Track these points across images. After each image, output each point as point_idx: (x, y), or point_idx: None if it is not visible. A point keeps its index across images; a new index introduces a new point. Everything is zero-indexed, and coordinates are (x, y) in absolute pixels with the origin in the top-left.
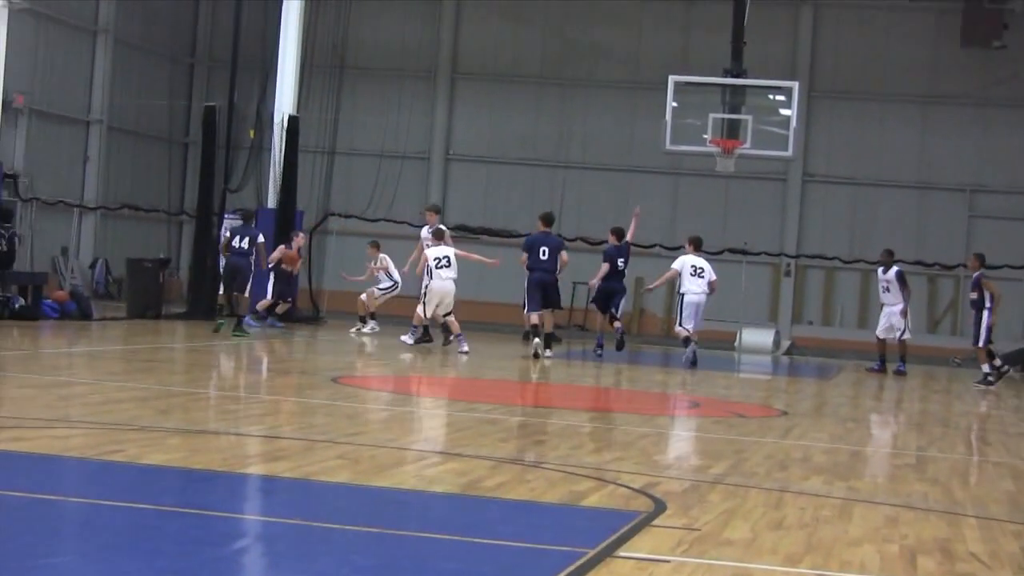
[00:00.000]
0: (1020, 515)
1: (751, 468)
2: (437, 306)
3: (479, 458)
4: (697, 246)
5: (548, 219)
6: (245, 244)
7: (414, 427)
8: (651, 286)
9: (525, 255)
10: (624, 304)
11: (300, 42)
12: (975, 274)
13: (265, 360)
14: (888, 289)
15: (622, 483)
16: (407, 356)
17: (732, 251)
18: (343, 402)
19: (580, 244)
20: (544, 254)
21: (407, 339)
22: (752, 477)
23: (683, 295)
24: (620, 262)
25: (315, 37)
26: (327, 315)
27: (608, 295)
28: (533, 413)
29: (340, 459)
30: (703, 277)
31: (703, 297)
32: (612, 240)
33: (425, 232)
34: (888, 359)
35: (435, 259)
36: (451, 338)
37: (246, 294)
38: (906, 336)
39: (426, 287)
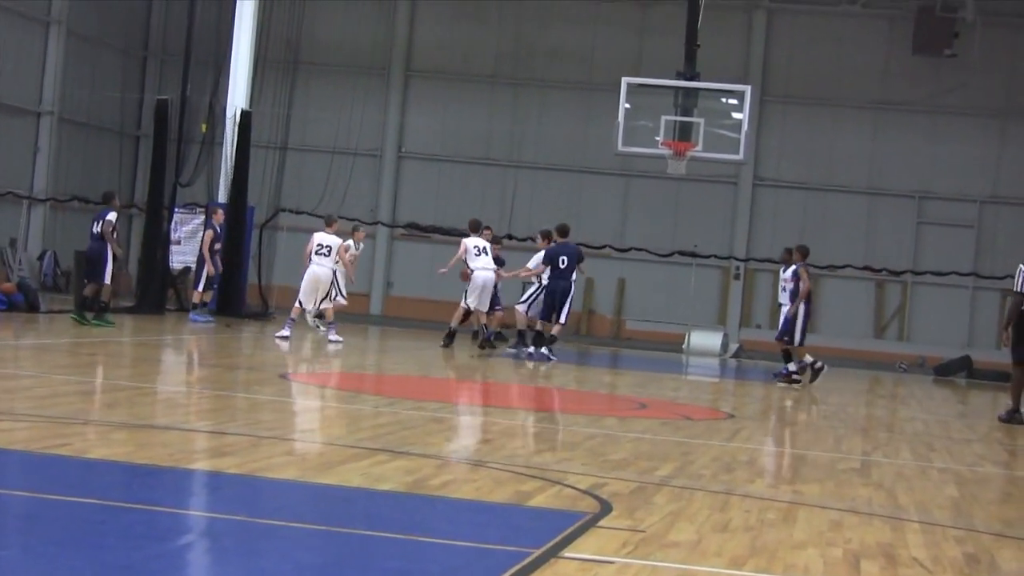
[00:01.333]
0: (963, 521)
1: (697, 470)
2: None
3: (426, 457)
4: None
5: (564, 230)
6: (97, 228)
7: (362, 424)
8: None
9: (546, 267)
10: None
11: (254, 37)
12: (795, 265)
13: (212, 356)
14: (785, 288)
15: (568, 484)
16: (359, 352)
17: (682, 254)
18: (291, 398)
19: (531, 244)
20: (563, 263)
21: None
22: (698, 479)
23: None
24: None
25: (269, 32)
26: (276, 311)
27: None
28: (481, 412)
29: (287, 456)
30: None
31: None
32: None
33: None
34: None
35: (317, 245)
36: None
37: (107, 281)
38: (796, 340)
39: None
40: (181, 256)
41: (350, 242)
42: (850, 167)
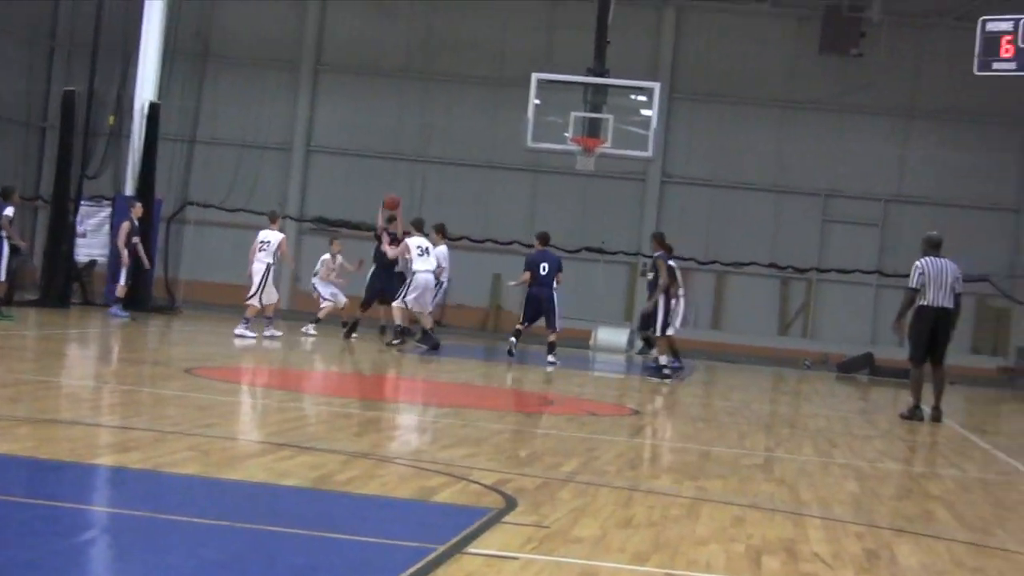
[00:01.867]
0: (863, 516)
1: (602, 466)
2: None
3: (332, 452)
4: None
5: (545, 238)
6: None
7: (267, 420)
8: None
9: (528, 273)
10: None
11: (163, 28)
12: (656, 254)
13: (118, 350)
14: (646, 275)
15: (474, 479)
16: (269, 347)
17: (589, 249)
18: (196, 393)
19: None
20: (544, 270)
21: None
22: (603, 475)
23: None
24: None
25: (178, 24)
26: (183, 304)
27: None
28: (387, 408)
29: (191, 451)
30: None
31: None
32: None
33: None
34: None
35: (260, 241)
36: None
37: (2, 278)
38: (666, 331)
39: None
40: (87, 249)
41: (327, 256)
42: (757, 165)
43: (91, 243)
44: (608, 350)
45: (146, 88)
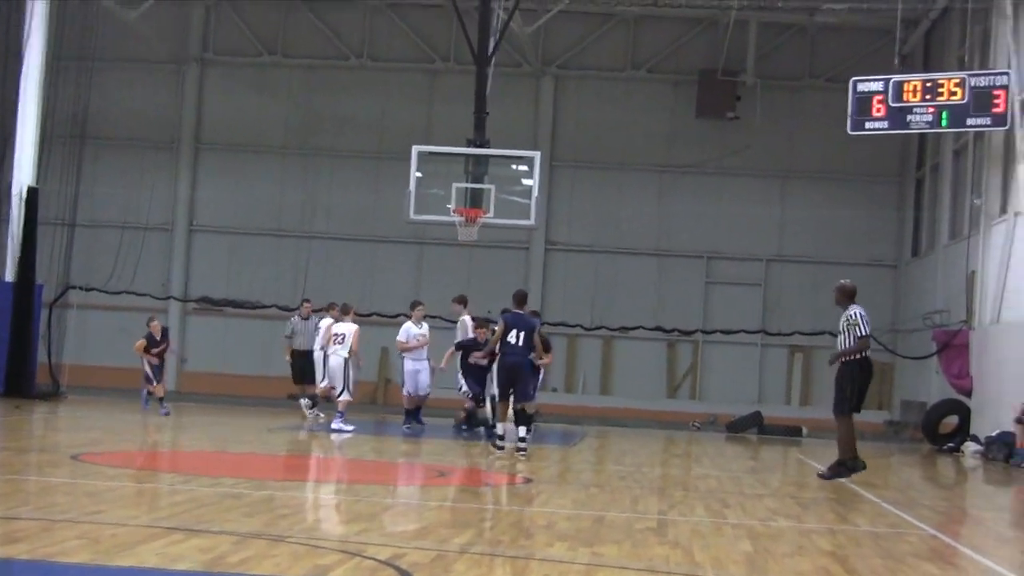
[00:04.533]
0: (757, 575)
1: (496, 536)
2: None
3: (224, 534)
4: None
5: (521, 298)
6: None
7: (157, 504)
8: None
9: (500, 336)
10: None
11: (40, 113)
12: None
13: (2, 438)
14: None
15: (368, 555)
16: (155, 431)
17: (475, 319)
18: (84, 479)
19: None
20: (517, 338)
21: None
22: (497, 545)
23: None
24: (515, 334)
25: (55, 108)
26: (67, 390)
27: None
28: (279, 487)
29: (80, 539)
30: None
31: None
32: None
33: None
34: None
35: (334, 334)
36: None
37: None
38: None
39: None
40: None
41: (410, 324)
42: (639, 229)
43: None
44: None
45: (24, 172)
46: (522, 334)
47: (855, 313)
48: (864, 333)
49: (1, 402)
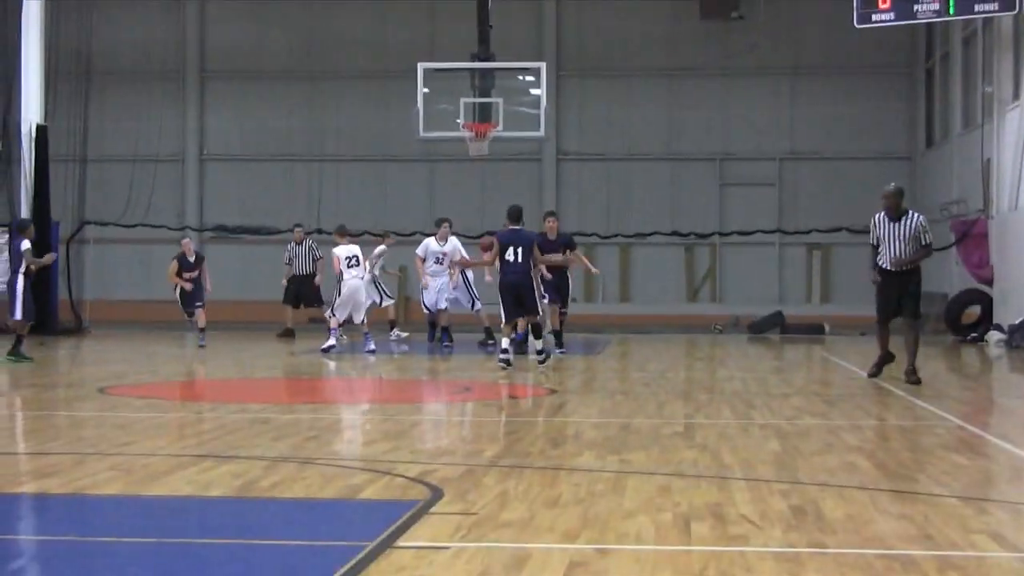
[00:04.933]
0: (786, 474)
1: (524, 448)
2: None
3: (253, 459)
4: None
5: (515, 214)
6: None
7: (185, 432)
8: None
9: (489, 254)
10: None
11: (43, 49)
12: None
13: (29, 375)
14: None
15: (398, 473)
16: (179, 362)
17: (491, 234)
18: (112, 412)
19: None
20: (516, 255)
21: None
22: (526, 457)
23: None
24: (512, 251)
25: (58, 43)
26: (90, 325)
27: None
28: (304, 410)
29: (112, 470)
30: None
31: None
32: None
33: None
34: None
35: (346, 258)
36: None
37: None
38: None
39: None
40: None
41: (431, 240)
42: (650, 134)
43: None
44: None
45: (31, 111)
46: (519, 250)
47: (924, 220)
48: (930, 241)
49: (26, 339)
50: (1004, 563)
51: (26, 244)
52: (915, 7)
